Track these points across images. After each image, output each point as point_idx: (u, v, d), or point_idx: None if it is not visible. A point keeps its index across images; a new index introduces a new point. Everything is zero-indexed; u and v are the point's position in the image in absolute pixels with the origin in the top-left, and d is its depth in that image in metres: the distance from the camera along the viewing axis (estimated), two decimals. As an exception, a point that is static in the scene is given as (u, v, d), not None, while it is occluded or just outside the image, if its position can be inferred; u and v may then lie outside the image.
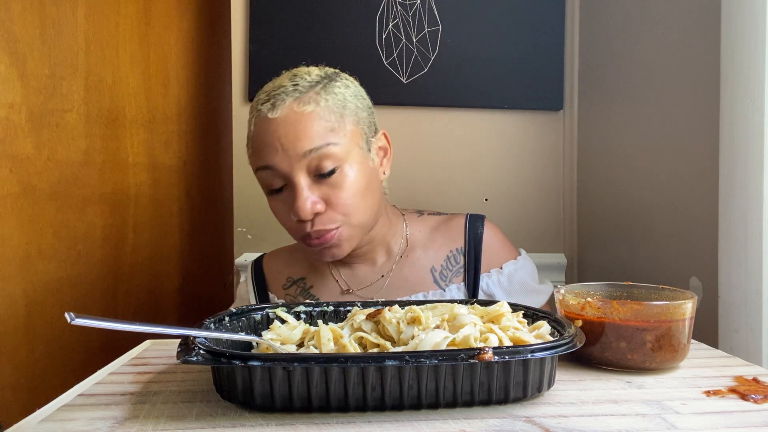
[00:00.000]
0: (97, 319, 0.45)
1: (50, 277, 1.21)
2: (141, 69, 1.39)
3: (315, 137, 0.80)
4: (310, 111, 0.81)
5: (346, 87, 0.86)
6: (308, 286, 0.96)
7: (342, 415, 0.49)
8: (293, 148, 0.80)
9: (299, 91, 0.82)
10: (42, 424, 0.48)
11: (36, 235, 1.18)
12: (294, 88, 0.82)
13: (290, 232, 0.87)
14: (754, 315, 0.79)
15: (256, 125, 0.83)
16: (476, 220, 0.97)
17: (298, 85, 0.83)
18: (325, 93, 0.83)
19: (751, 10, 0.80)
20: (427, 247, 0.95)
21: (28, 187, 1.17)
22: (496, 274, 0.94)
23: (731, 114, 0.83)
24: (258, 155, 0.83)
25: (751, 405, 0.52)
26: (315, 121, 0.81)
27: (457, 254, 0.94)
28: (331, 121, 0.82)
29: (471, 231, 0.96)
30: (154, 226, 1.42)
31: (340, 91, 0.84)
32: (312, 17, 1.33)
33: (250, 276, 1.00)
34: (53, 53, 1.21)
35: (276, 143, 0.80)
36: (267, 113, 0.81)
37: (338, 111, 0.83)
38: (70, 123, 1.24)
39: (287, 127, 0.80)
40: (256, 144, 0.83)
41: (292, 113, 0.81)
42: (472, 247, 0.94)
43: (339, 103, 0.83)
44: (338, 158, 0.81)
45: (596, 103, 1.30)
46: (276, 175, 0.82)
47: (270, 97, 0.82)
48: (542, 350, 0.49)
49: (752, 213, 0.80)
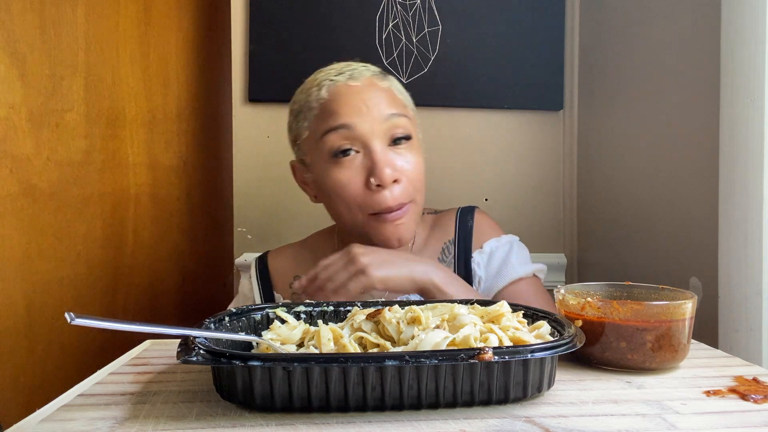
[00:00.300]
0: (97, 319, 0.45)
1: (50, 277, 1.21)
2: (141, 69, 1.38)
3: (396, 105, 0.86)
4: (387, 86, 0.88)
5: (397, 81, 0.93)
6: None
7: (342, 415, 0.49)
8: (378, 109, 0.83)
9: (373, 72, 0.89)
10: (42, 424, 0.48)
11: (36, 235, 1.18)
12: (366, 69, 0.89)
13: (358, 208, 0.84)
14: (754, 315, 0.79)
15: (332, 92, 0.85)
16: (467, 211, 0.99)
17: (369, 68, 0.90)
18: (393, 81, 0.90)
19: (751, 10, 0.80)
20: (427, 244, 0.96)
21: (28, 187, 1.17)
22: (477, 255, 0.94)
23: (731, 114, 0.83)
24: (333, 116, 0.84)
25: (751, 405, 0.52)
26: (394, 94, 0.88)
27: (449, 245, 0.95)
28: (403, 100, 0.89)
29: (461, 222, 0.97)
30: (154, 226, 1.42)
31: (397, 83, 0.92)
32: (312, 17, 1.33)
33: (254, 274, 0.99)
34: (53, 53, 1.21)
35: (360, 104, 0.83)
36: (347, 81, 0.86)
37: (405, 95, 0.91)
38: (70, 123, 1.24)
39: (371, 92, 0.85)
40: (331, 106, 0.84)
41: (373, 84, 0.87)
42: (462, 236, 0.95)
43: (404, 92, 0.91)
44: (408, 130, 0.86)
45: (596, 103, 1.30)
46: (351, 137, 0.83)
47: (343, 71, 0.87)
48: (542, 350, 0.49)
49: (752, 213, 0.79)
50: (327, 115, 0.84)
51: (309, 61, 1.33)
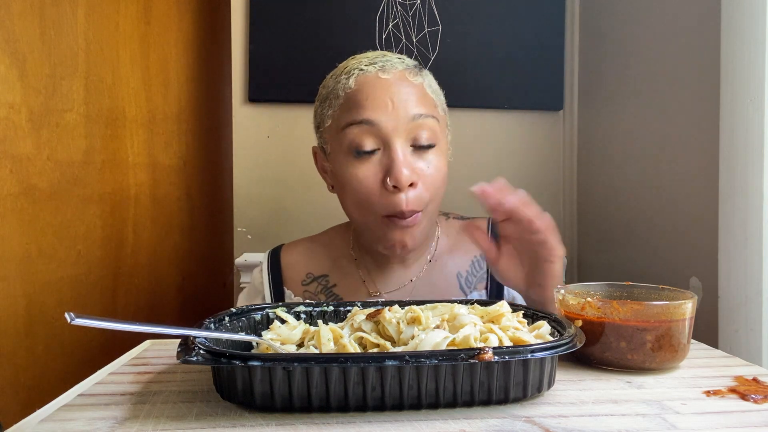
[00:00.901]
0: (97, 319, 0.45)
1: (50, 277, 1.21)
2: (141, 69, 1.39)
3: (425, 105, 0.80)
4: (420, 82, 0.81)
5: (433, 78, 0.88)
6: (331, 284, 0.90)
7: (342, 415, 0.49)
8: (404, 108, 0.78)
9: (407, 65, 0.83)
10: (42, 424, 0.48)
11: (36, 235, 1.18)
12: (401, 61, 0.83)
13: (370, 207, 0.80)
14: (754, 315, 0.79)
15: (359, 82, 0.80)
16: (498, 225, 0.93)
17: (404, 61, 0.83)
18: (428, 76, 0.84)
19: (751, 10, 0.80)
20: (453, 252, 0.91)
21: (28, 187, 1.17)
22: None
23: (731, 114, 0.83)
24: (357, 109, 0.79)
25: (751, 405, 0.52)
26: (425, 92, 0.81)
27: (480, 260, 0.91)
28: (433, 98, 0.83)
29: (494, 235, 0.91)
30: (154, 226, 1.42)
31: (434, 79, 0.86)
32: (312, 17, 1.33)
33: (266, 267, 0.94)
34: (53, 53, 1.21)
35: (387, 99, 0.78)
36: (377, 72, 0.80)
37: (437, 94, 0.84)
38: (70, 123, 1.24)
39: (401, 88, 0.79)
40: (356, 98, 0.79)
41: (404, 78, 0.81)
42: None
43: (436, 88, 0.85)
44: (435, 136, 0.81)
45: (596, 103, 1.30)
46: (372, 133, 0.78)
47: (376, 62, 0.82)
48: (542, 350, 0.49)
49: (752, 213, 0.80)
50: (351, 107, 0.80)
51: (309, 61, 1.33)
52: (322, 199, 1.28)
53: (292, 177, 1.36)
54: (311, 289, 0.91)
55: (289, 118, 1.35)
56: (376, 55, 0.84)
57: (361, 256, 0.91)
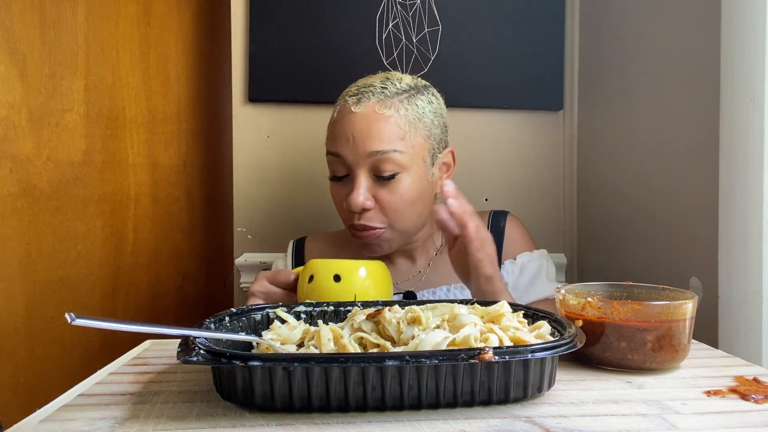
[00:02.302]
0: (97, 319, 0.45)
1: (50, 277, 1.21)
2: (141, 69, 1.39)
3: (385, 140, 0.86)
4: (389, 115, 0.87)
5: (429, 102, 0.92)
6: None
7: (342, 415, 0.49)
8: (362, 145, 0.86)
9: (385, 95, 0.88)
10: (42, 424, 0.48)
11: (36, 235, 1.18)
12: (381, 90, 0.88)
13: (341, 217, 0.94)
14: (754, 315, 0.79)
15: (339, 114, 0.90)
16: (499, 215, 1.02)
17: (386, 89, 0.89)
18: (407, 103, 0.89)
19: (751, 10, 0.80)
20: None
21: (28, 187, 1.17)
22: (509, 265, 0.97)
23: (731, 114, 0.83)
24: (332, 141, 0.90)
25: (752, 405, 0.52)
26: (390, 125, 0.86)
27: None
28: (404, 130, 0.87)
29: (494, 226, 1.00)
30: (154, 226, 1.42)
31: (422, 105, 0.90)
32: (312, 17, 1.32)
33: (290, 254, 1.05)
34: (53, 53, 1.21)
35: (349, 135, 0.87)
36: (351, 106, 0.88)
37: (414, 123, 0.88)
38: (70, 123, 1.24)
39: (363, 124, 0.86)
40: (333, 130, 0.90)
41: (372, 112, 0.87)
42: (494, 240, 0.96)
43: (417, 116, 0.89)
44: (400, 165, 0.87)
45: (596, 103, 1.30)
46: (342, 163, 0.89)
47: (359, 92, 0.89)
48: (542, 350, 0.49)
49: (752, 213, 0.79)
50: (330, 138, 0.91)
51: (309, 61, 1.33)
52: (322, 199, 1.28)
53: (292, 177, 1.36)
54: None
55: (289, 118, 1.35)
56: (367, 82, 0.91)
57: None
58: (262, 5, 1.32)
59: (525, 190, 1.41)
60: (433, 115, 0.91)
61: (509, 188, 1.40)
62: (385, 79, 0.90)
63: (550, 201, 1.41)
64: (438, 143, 0.92)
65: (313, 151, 1.31)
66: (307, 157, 1.35)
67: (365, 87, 0.89)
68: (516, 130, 1.40)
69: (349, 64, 1.32)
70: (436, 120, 0.92)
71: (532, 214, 1.40)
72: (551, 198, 1.42)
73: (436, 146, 0.92)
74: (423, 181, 0.90)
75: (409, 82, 0.92)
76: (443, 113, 0.95)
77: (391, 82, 0.90)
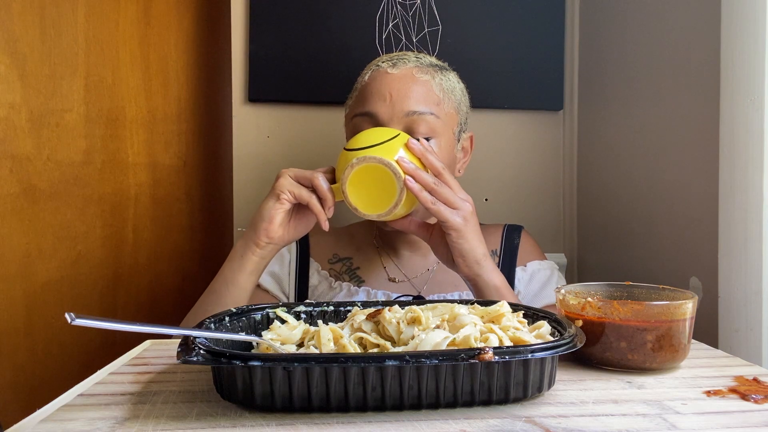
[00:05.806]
0: (97, 319, 0.45)
1: (50, 277, 1.21)
2: (141, 69, 1.38)
3: (423, 102, 0.87)
4: (426, 80, 0.89)
5: (458, 81, 0.95)
6: (355, 266, 0.99)
7: (342, 415, 0.49)
8: (401, 103, 0.86)
9: (421, 63, 0.90)
10: (42, 424, 0.48)
11: (36, 235, 1.18)
12: (417, 59, 0.91)
13: None
14: (754, 315, 0.79)
15: (371, 77, 0.90)
16: (514, 230, 1.03)
17: (420, 59, 0.92)
18: (441, 74, 0.92)
19: (751, 10, 0.80)
20: None
21: (28, 187, 1.17)
22: (520, 272, 0.98)
23: (731, 114, 0.83)
24: (363, 102, 0.89)
25: (752, 405, 0.52)
26: (428, 89, 0.88)
27: (493, 255, 0.97)
28: (439, 96, 0.89)
29: (508, 239, 1.01)
30: (154, 226, 1.42)
31: (453, 80, 0.94)
32: (312, 17, 1.32)
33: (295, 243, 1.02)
34: (53, 53, 1.21)
35: (387, 94, 0.86)
36: (387, 68, 0.89)
37: (447, 93, 0.90)
38: (70, 123, 1.24)
39: (402, 84, 0.87)
40: (365, 91, 0.89)
41: (410, 75, 0.88)
42: (509, 251, 0.99)
43: (449, 87, 0.92)
44: (433, 130, 0.87)
45: (596, 103, 1.30)
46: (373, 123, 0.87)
47: (392, 59, 0.90)
48: (542, 350, 0.49)
49: (752, 213, 0.79)
50: (360, 99, 0.90)
51: (309, 61, 1.33)
52: (322, 199, 1.28)
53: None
54: (336, 269, 0.99)
55: (289, 118, 1.35)
56: (399, 54, 0.93)
57: (382, 246, 1.00)
58: (262, 5, 1.32)
59: (525, 190, 1.41)
60: (461, 93, 0.94)
61: (509, 188, 1.40)
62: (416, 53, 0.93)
63: (550, 201, 1.41)
64: (464, 121, 0.95)
65: (314, 151, 1.31)
66: (308, 157, 1.35)
67: (398, 56, 0.91)
68: (516, 130, 1.40)
69: (349, 65, 1.32)
70: (464, 99, 0.95)
71: (532, 214, 1.40)
72: (551, 198, 1.41)
73: (463, 123, 0.94)
74: (450, 153, 0.91)
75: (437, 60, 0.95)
76: (467, 98, 0.97)
77: (423, 56, 0.93)
